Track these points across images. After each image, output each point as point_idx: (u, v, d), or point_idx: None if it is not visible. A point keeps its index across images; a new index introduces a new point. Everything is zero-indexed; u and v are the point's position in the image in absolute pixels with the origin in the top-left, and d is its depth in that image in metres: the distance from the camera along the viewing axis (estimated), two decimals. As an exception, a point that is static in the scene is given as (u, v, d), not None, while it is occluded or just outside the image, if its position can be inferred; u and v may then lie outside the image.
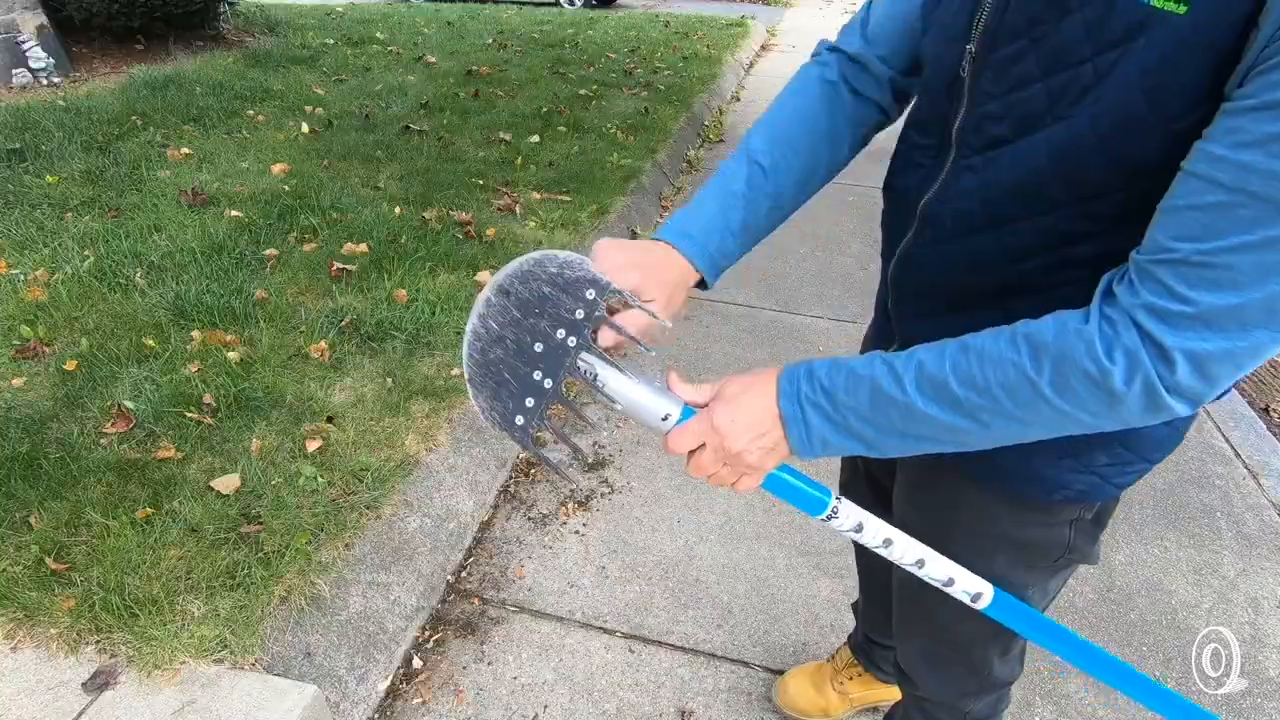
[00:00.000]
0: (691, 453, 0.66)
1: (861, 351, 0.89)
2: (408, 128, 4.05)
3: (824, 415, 0.62)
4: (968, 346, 0.58)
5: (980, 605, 0.72)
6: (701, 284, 0.77)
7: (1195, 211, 0.49)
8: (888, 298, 0.80)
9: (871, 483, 1.07)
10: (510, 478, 2.03)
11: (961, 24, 0.63)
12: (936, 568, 0.71)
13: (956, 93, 0.65)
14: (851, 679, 1.39)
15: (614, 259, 0.68)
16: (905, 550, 0.71)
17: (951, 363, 0.57)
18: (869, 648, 1.33)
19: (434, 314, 2.32)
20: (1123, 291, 0.52)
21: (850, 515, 0.70)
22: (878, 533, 0.70)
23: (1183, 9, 0.48)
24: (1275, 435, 2.36)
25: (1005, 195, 0.62)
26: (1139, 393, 0.52)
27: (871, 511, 0.74)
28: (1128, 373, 0.51)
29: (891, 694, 1.38)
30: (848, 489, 1.13)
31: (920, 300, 0.74)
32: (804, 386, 0.63)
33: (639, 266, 0.69)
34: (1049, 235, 0.61)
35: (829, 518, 0.70)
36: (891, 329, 0.81)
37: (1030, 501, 0.75)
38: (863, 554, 1.22)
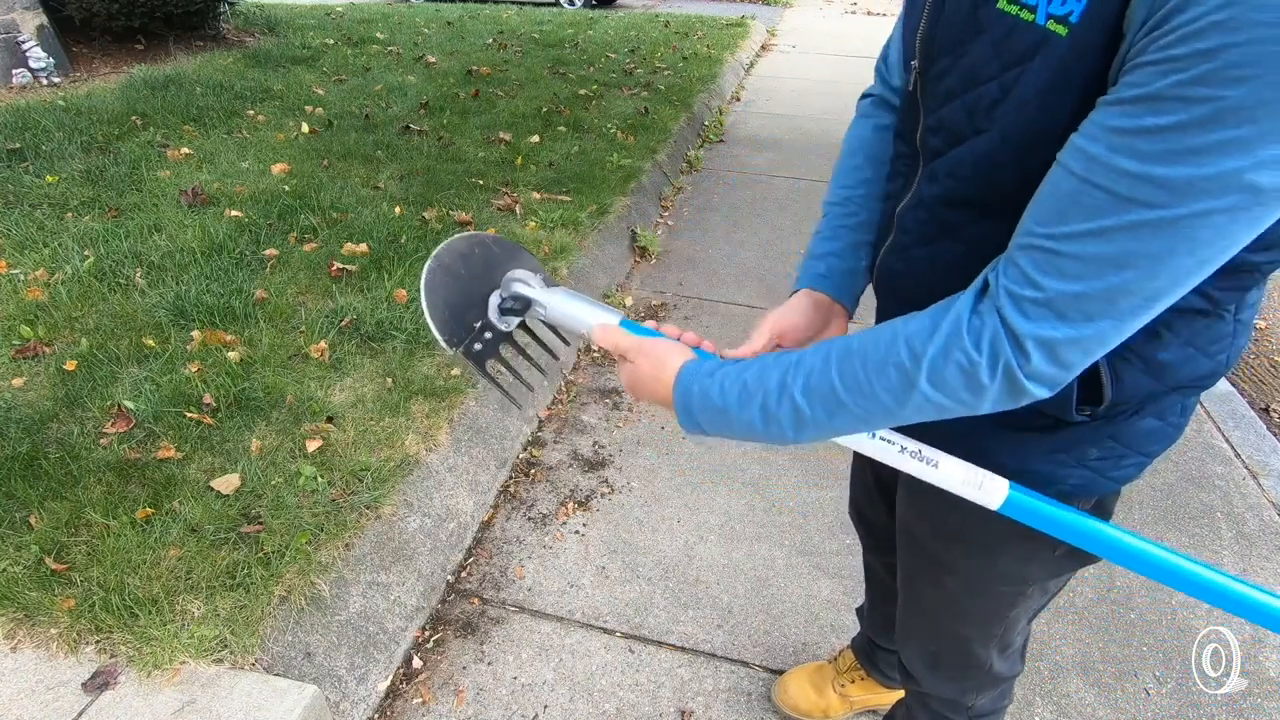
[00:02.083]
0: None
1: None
2: (408, 128, 4.05)
3: (714, 423, 0.68)
4: (851, 351, 0.61)
5: (989, 501, 0.69)
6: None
7: (1052, 198, 0.52)
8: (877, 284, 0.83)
9: (881, 487, 1.09)
10: (510, 478, 2.03)
11: (910, 42, 0.67)
12: (943, 469, 0.70)
13: (914, 105, 0.69)
14: (853, 681, 1.40)
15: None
16: (907, 445, 0.71)
17: (838, 370, 0.61)
18: (872, 651, 1.34)
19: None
20: (993, 278, 0.55)
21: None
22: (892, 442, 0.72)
23: (1063, 30, 0.51)
24: (1275, 435, 2.36)
25: (945, 204, 0.66)
26: (1001, 379, 0.55)
27: (883, 518, 0.90)
28: (991, 361, 0.54)
29: (891, 698, 1.38)
30: (859, 500, 1.17)
31: (900, 305, 0.72)
32: (696, 402, 0.68)
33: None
34: (988, 243, 0.60)
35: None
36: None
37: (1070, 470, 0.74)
38: (869, 558, 1.23)
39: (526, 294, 0.73)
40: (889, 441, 0.71)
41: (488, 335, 0.76)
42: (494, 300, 0.75)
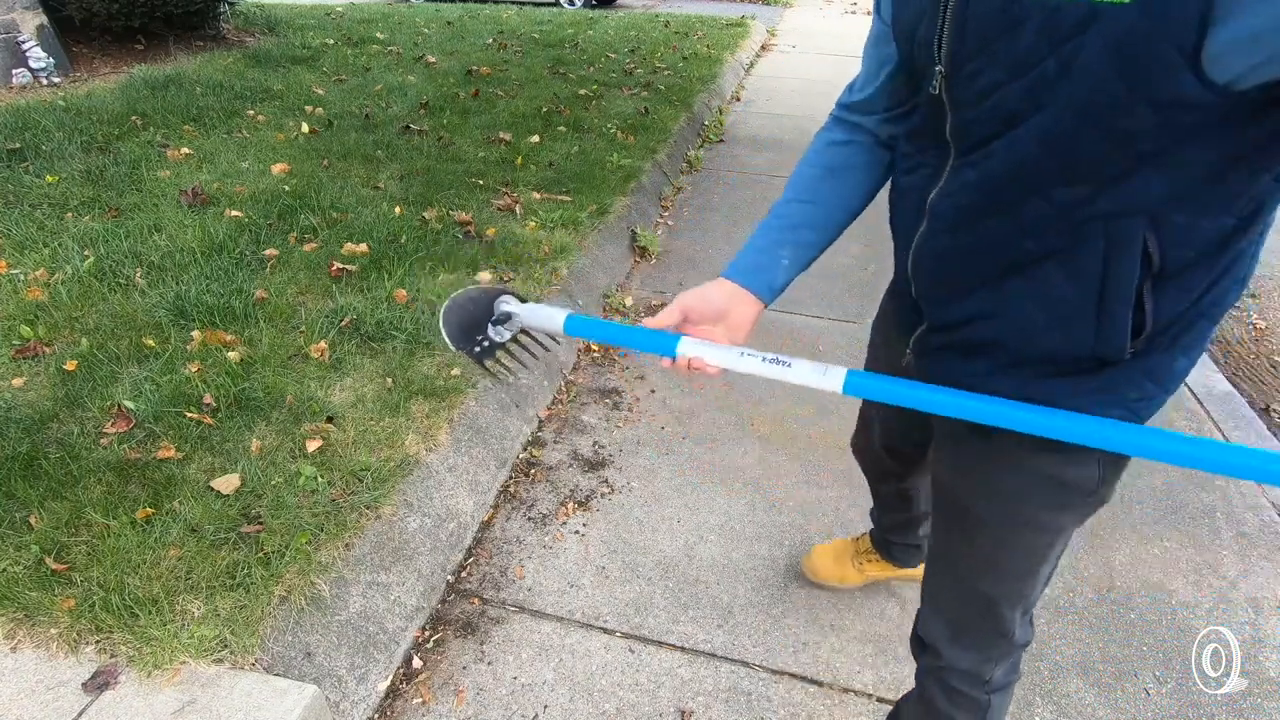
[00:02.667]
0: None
1: (876, 338, 1.07)
2: (408, 128, 4.05)
3: None
4: None
5: (833, 386, 0.81)
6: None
7: None
8: (909, 288, 0.87)
9: (891, 454, 1.27)
10: (510, 478, 2.03)
11: (928, 51, 0.71)
12: (795, 368, 0.83)
13: (939, 106, 0.73)
14: (871, 561, 1.64)
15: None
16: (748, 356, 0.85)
17: None
18: (887, 545, 1.57)
19: (434, 314, 2.32)
20: None
21: (691, 347, 0.87)
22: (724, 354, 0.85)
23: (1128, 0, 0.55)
24: (1275, 435, 2.36)
25: (1003, 182, 0.69)
26: None
27: (890, 475, 1.21)
28: None
29: (901, 574, 1.65)
30: (890, 437, 1.26)
31: (943, 285, 0.81)
32: None
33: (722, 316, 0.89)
34: (1049, 208, 0.67)
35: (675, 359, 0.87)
36: (913, 314, 0.90)
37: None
38: (871, 470, 1.40)
39: (506, 309, 1.02)
40: (753, 355, 0.83)
41: (485, 343, 1.03)
42: (489, 321, 1.04)
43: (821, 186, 0.94)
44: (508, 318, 1.02)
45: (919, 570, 1.54)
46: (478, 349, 1.03)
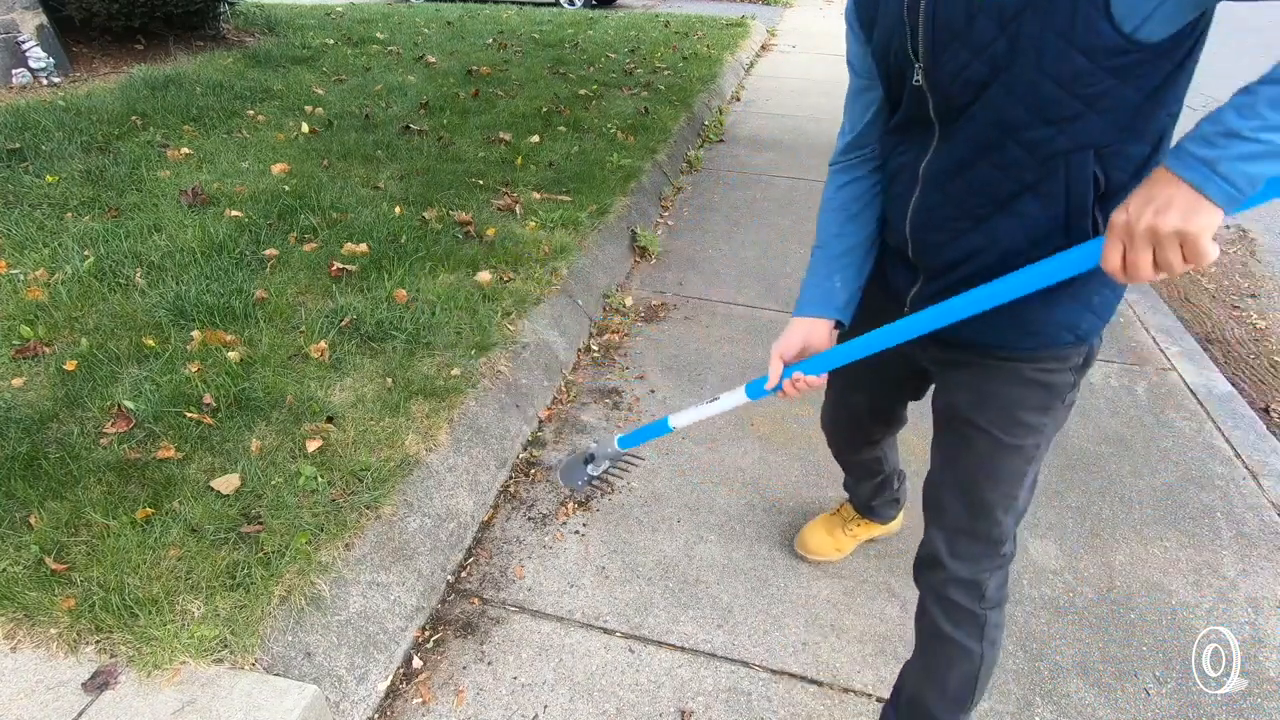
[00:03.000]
0: (1124, 261, 0.76)
1: (862, 320, 1.14)
2: (408, 128, 4.05)
3: (1241, 161, 0.68)
4: None
5: (735, 399, 1.21)
6: (839, 325, 1.14)
7: None
8: (906, 251, 1.05)
9: (878, 416, 1.42)
10: (510, 478, 2.03)
11: (906, 54, 0.91)
12: (722, 402, 1.24)
13: (921, 95, 0.92)
14: (859, 525, 1.79)
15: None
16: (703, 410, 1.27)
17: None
18: (869, 509, 1.73)
19: (434, 314, 2.32)
20: None
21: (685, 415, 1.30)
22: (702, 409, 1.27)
23: None
24: (1275, 435, 2.36)
25: (985, 136, 0.88)
26: None
27: (866, 443, 1.50)
28: None
29: (889, 531, 1.84)
30: (880, 404, 1.41)
31: (940, 232, 0.98)
32: (1211, 155, 0.68)
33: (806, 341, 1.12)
34: (1021, 151, 0.86)
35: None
36: (907, 278, 1.08)
37: (1052, 349, 1.00)
38: (847, 442, 1.55)
39: (591, 451, 1.53)
40: (713, 401, 1.25)
41: (588, 477, 1.55)
42: (588, 464, 1.54)
43: (847, 225, 1.13)
44: (592, 458, 1.55)
45: (898, 523, 1.84)
46: (583, 484, 1.57)
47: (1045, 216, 0.89)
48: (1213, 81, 2.06)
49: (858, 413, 1.44)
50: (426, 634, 1.59)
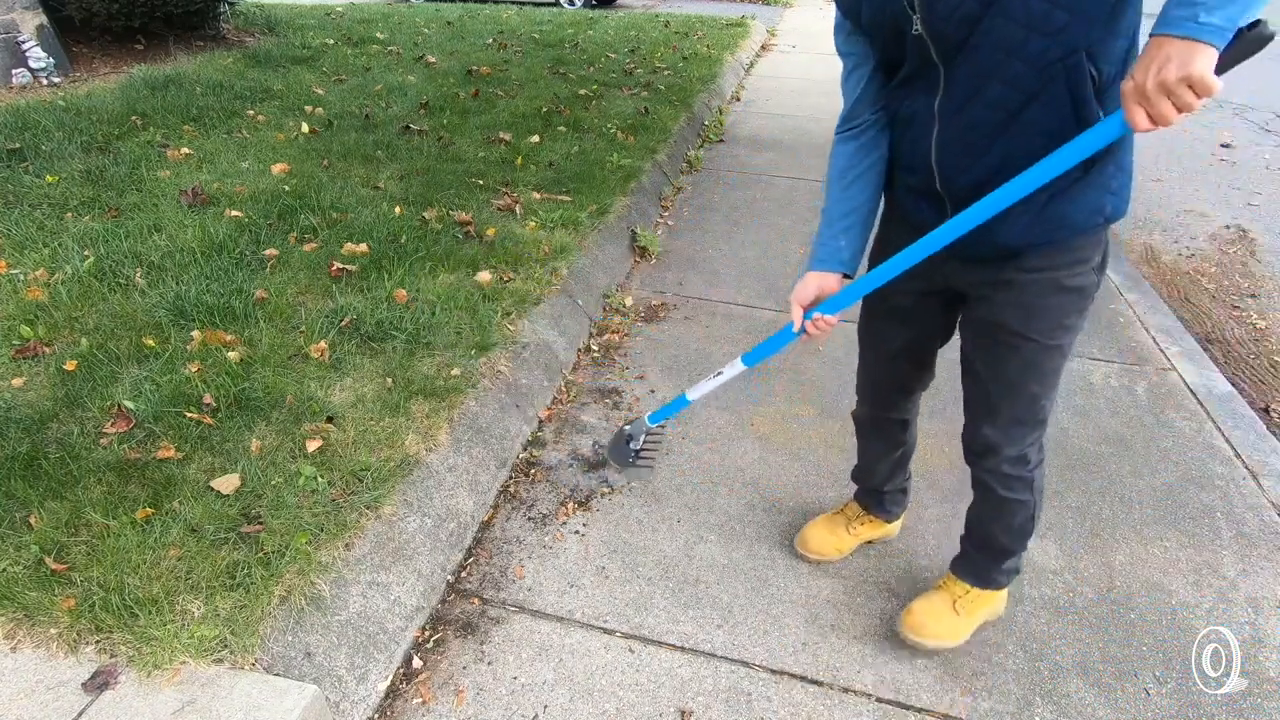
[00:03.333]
0: (1149, 116, 0.89)
1: (880, 253, 1.33)
2: (408, 128, 4.05)
3: (1220, 6, 0.82)
4: None
5: (738, 366, 1.47)
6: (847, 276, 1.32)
7: None
8: (934, 183, 1.17)
9: (916, 362, 1.50)
10: (510, 478, 2.03)
11: (904, 9, 1.04)
12: (724, 375, 1.50)
13: (922, 43, 1.06)
14: (862, 523, 1.81)
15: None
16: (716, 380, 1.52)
17: None
18: (879, 498, 1.77)
19: (434, 314, 2.32)
20: None
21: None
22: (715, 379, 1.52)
23: None
24: (1275, 435, 2.36)
25: (991, 58, 1.02)
26: None
27: (897, 404, 1.59)
28: None
29: (890, 530, 1.84)
30: (918, 348, 1.49)
31: (965, 155, 1.11)
32: (1192, 10, 0.83)
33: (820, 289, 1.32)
34: (1027, 60, 1.00)
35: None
36: (932, 210, 1.21)
37: (1082, 237, 1.14)
38: (880, 405, 1.62)
39: (628, 431, 1.71)
40: (719, 373, 1.50)
41: (635, 455, 1.72)
42: (629, 442, 1.72)
43: (850, 189, 1.28)
44: (632, 436, 1.71)
45: (898, 525, 1.86)
46: (629, 461, 1.72)
47: (1057, 120, 1.02)
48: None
49: (897, 359, 1.52)
50: (426, 634, 1.59)
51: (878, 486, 1.76)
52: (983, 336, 1.30)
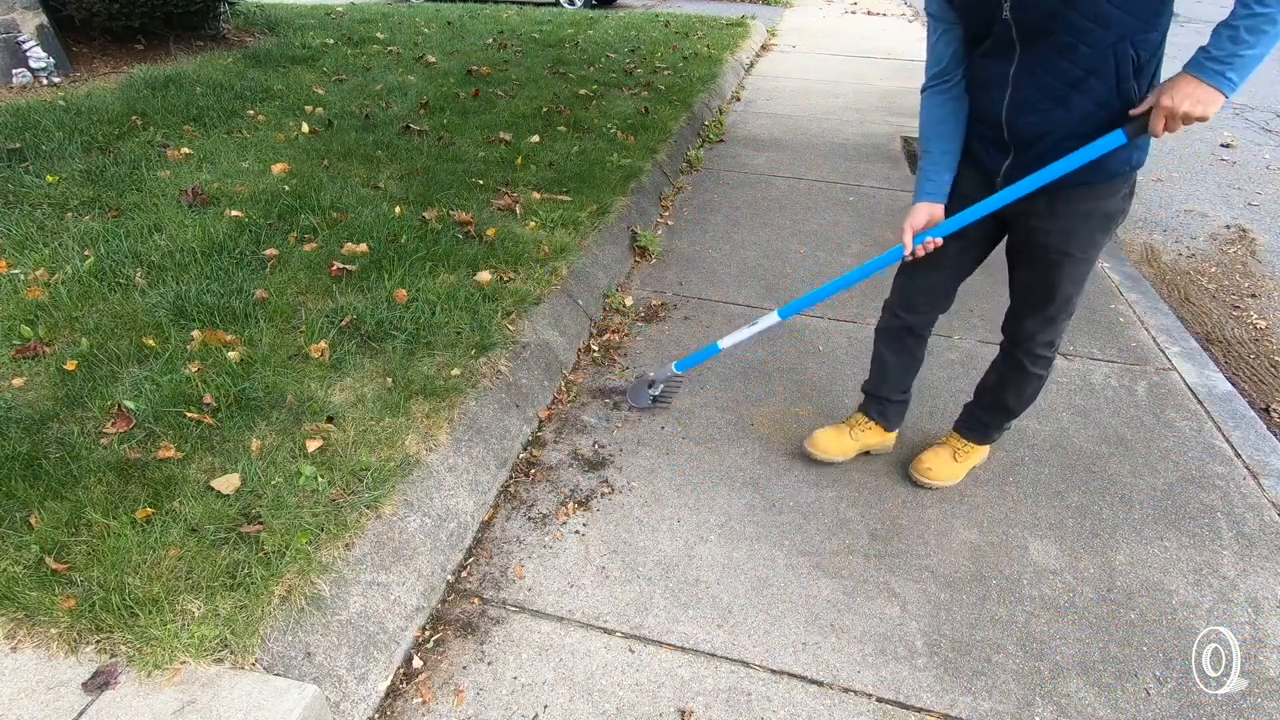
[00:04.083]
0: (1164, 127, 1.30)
1: (955, 198, 1.63)
2: (408, 128, 4.05)
3: (1238, 69, 1.22)
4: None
5: (773, 318, 1.91)
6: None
7: None
8: (1002, 136, 1.49)
9: (951, 271, 1.77)
10: (510, 478, 2.03)
11: (995, 4, 1.35)
12: (759, 326, 1.94)
13: (1007, 26, 1.36)
14: (865, 430, 2.09)
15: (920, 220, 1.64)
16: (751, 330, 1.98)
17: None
18: (884, 407, 2.05)
19: (434, 314, 2.32)
20: None
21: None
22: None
23: None
24: (1275, 435, 2.36)
25: (1061, 40, 1.31)
26: None
27: (926, 319, 1.87)
28: None
29: (885, 442, 2.11)
30: (975, 229, 1.69)
31: (1033, 113, 1.42)
32: (1221, 68, 1.23)
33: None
34: (1089, 44, 1.29)
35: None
36: (999, 157, 1.53)
37: (1113, 181, 1.46)
38: (908, 319, 1.88)
39: (651, 376, 2.06)
40: (751, 324, 1.94)
41: (653, 399, 2.13)
42: (650, 387, 2.12)
43: (945, 135, 1.59)
44: (651, 382, 2.04)
45: (894, 438, 2.13)
46: (648, 403, 2.09)
47: (1104, 89, 1.34)
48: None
49: (943, 278, 1.80)
50: (426, 634, 1.59)
51: (886, 396, 2.03)
52: (1032, 255, 1.61)
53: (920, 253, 1.63)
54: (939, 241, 1.61)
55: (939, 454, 2.02)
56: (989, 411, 1.94)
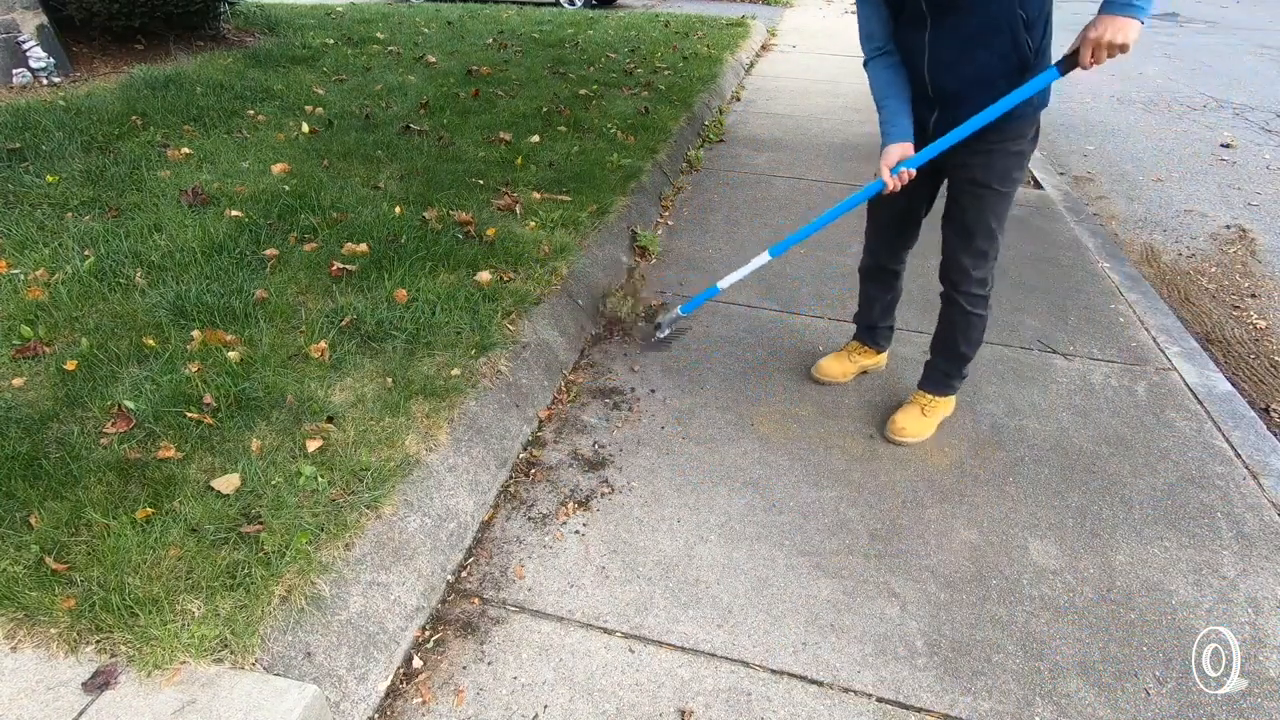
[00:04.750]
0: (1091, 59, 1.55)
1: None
2: (408, 128, 4.05)
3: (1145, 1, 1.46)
4: None
5: (764, 258, 2.30)
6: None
7: None
8: (928, 91, 1.78)
9: (919, 209, 2.07)
10: (510, 478, 2.03)
11: None
12: (752, 265, 2.33)
13: (915, 3, 1.67)
14: (860, 354, 2.45)
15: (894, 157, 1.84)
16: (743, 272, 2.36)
17: None
18: (874, 333, 2.40)
19: (434, 314, 2.32)
20: None
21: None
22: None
23: None
24: (1275, 435, 2.36)
25: (965, 10, 1.60)
26: None
27: (900, 253, 2.22)
28: None
29: (878, 361, 2.48)
30: (918, 209, 2.07)
31: (951, 72, 1.71)
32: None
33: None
34: (988, 14, 1.59)
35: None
36: (928, 112, 1.82)
37: (1020, 123, 1.74)
38: (886, 258, 2.22)
39: (660, 320, 2.51)
40: (746, 266, 2.34)
41: (660, 336, 2.59)
42: (658, 330, 2.54)
43: (898, 89, 1.82)
44: (660, 324, 2.48)
45: (884, 357, 2.50)
46: (654, 340, 2.45)
47: (1006, 45, 1.62)
48: (1217, 80, 2.07)
49: (898, 219, 2.11)
50: (426, 634, 1.59)
51: (874, 323, 2.37)
52: (963, 190, 1.87)
53: (897, 184, 1.83)
54: (913, 172, 1.82)
55: (908, 412, 2.22)
56: (947, 360, 2.16)
